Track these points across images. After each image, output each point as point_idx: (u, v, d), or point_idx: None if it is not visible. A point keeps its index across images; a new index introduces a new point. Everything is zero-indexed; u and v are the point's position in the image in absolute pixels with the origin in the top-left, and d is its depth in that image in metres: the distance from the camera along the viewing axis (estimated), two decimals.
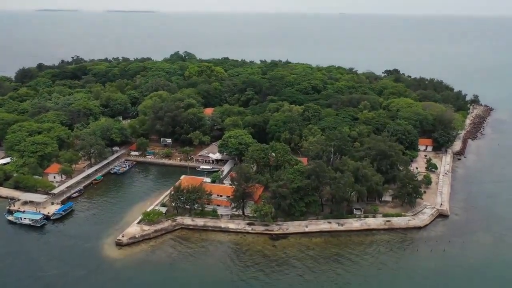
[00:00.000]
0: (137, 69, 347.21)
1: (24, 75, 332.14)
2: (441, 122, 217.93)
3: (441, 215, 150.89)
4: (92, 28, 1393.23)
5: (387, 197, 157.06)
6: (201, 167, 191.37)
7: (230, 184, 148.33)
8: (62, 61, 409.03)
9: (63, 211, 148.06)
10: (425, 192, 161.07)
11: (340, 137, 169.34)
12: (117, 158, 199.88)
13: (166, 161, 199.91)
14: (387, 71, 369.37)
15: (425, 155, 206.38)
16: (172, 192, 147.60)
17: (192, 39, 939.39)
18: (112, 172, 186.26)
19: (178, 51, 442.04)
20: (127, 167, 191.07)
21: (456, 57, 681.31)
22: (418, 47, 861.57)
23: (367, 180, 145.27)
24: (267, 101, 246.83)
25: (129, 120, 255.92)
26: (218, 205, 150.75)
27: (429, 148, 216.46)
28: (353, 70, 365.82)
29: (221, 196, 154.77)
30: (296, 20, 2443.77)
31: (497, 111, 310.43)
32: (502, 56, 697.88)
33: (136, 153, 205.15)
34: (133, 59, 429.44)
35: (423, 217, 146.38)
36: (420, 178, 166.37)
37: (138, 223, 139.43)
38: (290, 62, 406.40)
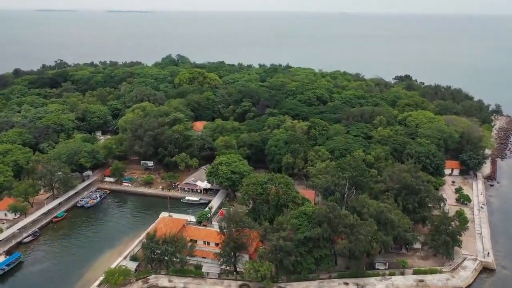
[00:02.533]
0: (123, 75, 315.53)
1: None
2: (469, 141, 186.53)
3: (485, 269, 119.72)
4: (87, 29, 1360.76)
5: (416, 244, 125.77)
6: (186, 198, 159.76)
7: (220, 229, 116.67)
8: (44, 65, 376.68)
9: (6, 265, 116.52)
10: (461, 235, 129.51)
11: (355, 166, 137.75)
12: (88, 186, 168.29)
13: (146, 189, 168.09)
14: (397, 77, 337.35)
15: (453, 182, 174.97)
16: (145, 241, 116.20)
17: (188, 40, 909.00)
18: (79, 205, 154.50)
19: (171, 54, 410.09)
20: (98, 198, 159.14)
21: (465, 59, 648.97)
22: (423, 48, 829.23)
23: (394, 227, 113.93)
24: (266, 114, 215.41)
25: (109, 136, 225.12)
26: (204, 257, 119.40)
27: (455, 171, 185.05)
28: (360, 76, 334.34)
29: (207, 243, 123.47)
30: (296, 19, 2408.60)
31: None
32: None
33: (111, 179, 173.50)
34: (121, 63, 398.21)
35: (465, 274, 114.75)
36: (451, 213, 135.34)
37: (99, 285, 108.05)
38: (291, 67, 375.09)
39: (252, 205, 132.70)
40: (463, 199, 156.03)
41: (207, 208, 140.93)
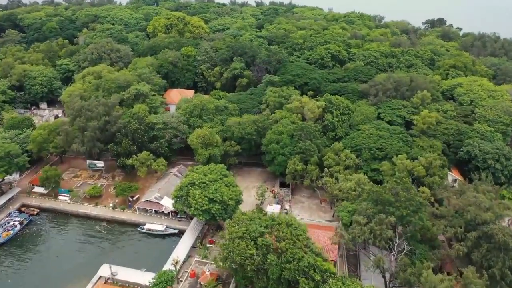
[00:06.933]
0: (86, 19, 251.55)
1: None
2: None
3: None
4: None
5: None
6: (146, 226, 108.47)
7: None
8: None
9: None
10: None
11: (406, 200, 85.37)
12: (9, 202, 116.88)
13: (90, 208, 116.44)
14: (428, 21, 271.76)
15: None
16: None
17: None
18: None
19: None
20: (18, 227, 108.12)
21: None
22: None
23: None
24: (264, 82, 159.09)
25: (56, 112, 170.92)
26: None
27: None
28: (381, 19, 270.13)
29: None
30: None
31: None
32: None
33: (42, 190, 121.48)
34: (89, 1, 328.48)
35: None
36: None
37: None
38: (295, 6, 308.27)
39: (238, 267, 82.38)
40: None
41: (170, 266, 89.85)
